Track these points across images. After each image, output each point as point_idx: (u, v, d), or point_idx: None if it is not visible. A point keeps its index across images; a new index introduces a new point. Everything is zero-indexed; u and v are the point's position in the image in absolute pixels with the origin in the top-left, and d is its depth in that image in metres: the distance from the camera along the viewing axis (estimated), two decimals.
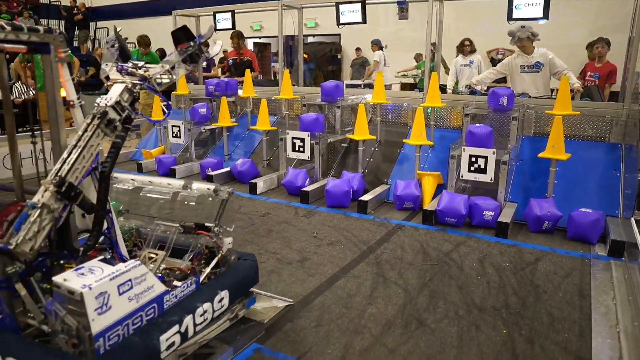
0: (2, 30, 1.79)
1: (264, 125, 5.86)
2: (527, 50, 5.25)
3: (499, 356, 2.47)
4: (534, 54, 5.25)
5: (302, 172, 5.21)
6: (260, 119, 5.89)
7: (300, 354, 2.45)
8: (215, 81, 6.70)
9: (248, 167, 5.68)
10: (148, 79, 2.14)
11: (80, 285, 1.64)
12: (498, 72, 5.61)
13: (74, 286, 1.64)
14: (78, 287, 1.63)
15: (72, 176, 1.88)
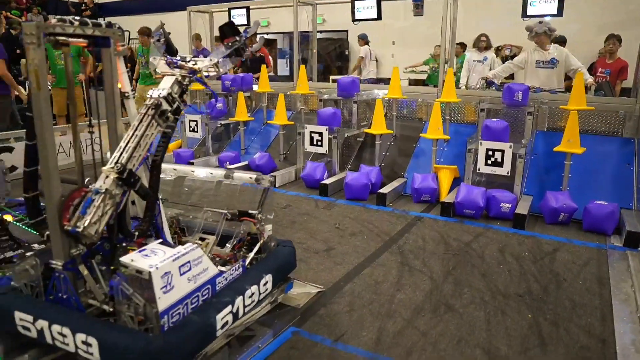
0: (71, 25, 1.90)
1: (281, 120, 5.96)
2: (544, 45, 5.33)
3: (526, 339, 2.58)
4: (551, 50, 5.34)
5: (321, 165, 5.32)
6: (278, 113, 5.99)
7: (336, 337, 2.56)
8: (232, 76, 6.80)
9: (266, 161, 5.78)
10: (197, 71, 2.24)
11: (148, 265, 1.75)
12: (515, 65, 5.70)
13: (142, 266, 1.75)
14: (146, 267, 1.74)
15: (130, 164, 1.99)
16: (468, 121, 5.69)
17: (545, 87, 5.33)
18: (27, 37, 1.76)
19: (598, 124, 4.92)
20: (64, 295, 1.93)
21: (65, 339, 1.80)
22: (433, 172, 5.08)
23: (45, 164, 1.84)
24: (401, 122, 5.89)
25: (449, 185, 4.95)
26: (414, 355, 2.43)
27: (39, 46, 1.76)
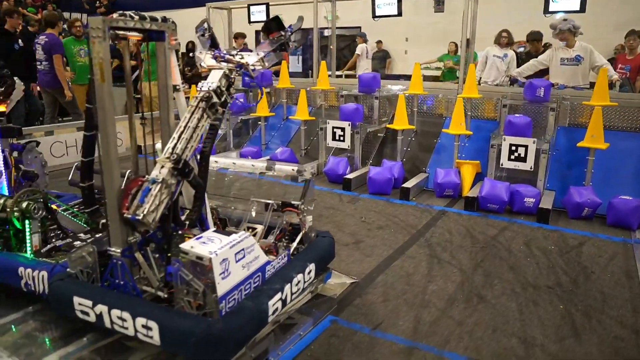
0: (132, 19, 1.97)
1: (303, 115, 6.02)
2: (569, 43, 5.33)
3: (560, 329, 2.63)
4: (575, 47, 5.34)
5: (343, 160, 5.38)
6: (299, 109, 6.05)
7: (374, 325, 2.63)
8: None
9: (288, 156, 5.85)
10: (244, 65, 2.31)
11: (208, 251, 1.82)
12: (540, 63, 5.70)
13: (202, 252, 1.82)
14: (206, 253, 1.81)
15: (185, 154, 2.06)
16: (487, 117, 5.71)
17: (570, 84, 5.34)
18: (93, 30, 1.83)
19: (621, 120, 4.93)
20: (121, 281, 2.01)
21: (125, 323, 1.88)
22: (455, 167, 5.12)
23: (107, 154, 1.92)
24: (421, 117, 5.93)
25: (471, 181, 4.99)
26: (452, 343, 2.49)
27: (104, 40, 1.83)
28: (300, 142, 6.26)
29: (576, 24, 5.18)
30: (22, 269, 2.31)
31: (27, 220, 2.44)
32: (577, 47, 5.34)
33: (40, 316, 2.30)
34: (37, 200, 2.47)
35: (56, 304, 2.09)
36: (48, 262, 2.34)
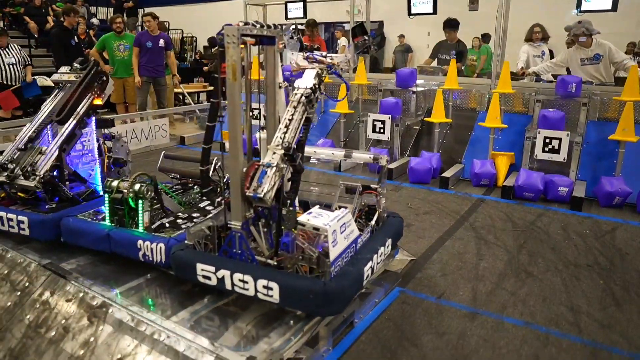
0: (255, 27, 2.33)
1: (343, 109, 6.37)
2: (585, 44, 5.58)
3: (602, 299, 2.97)
4: (592, 46, 5.59)
5: (384, 151, 5.72)
6: (340, 102, 6.40)
7: (438, 295, 2.99)
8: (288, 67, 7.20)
9: (329, 147, 6.20)
10: (334, 65, 2.66)
11: (322, 223, 2.19)
12: (556, 64, 5.95)
13: (318, 224, 2.19)
14: (321, 224, 2.18)
15: (293, 143, 2.41)
16: (518, 111, 6.01)
17: (594, 81, 5.61)
18: (228, 37, 2.20)
19: None
20: (238, 250, 2.38)
21: (246, 285, 2.25)
22: (490, 158, 5.45)
23: (234, 141, 2.29)
24: (455, 111, 6.24)
25: (506, 171, 5.31)
26: (508, 309, 2.85)
27: (237, 45, 2.19)
28: (339, 133, 6.61)
29: (590, 27, 5.41)
30: (141, 242, 2.69)
31: (140, 200, 2.82)
32: (595, 45, 5.55)
33: (159, 281, 2.69)
34: (148, 183, 2.85)
35: (179, 270, 2.47)
36: (162, 236, 2.73)
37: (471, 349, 2.48)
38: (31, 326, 2.51)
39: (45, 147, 3.37)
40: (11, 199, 3.34)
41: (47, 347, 2.36)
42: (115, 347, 2.21)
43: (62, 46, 8.01)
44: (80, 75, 3.56)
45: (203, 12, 16.78)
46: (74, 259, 2.94)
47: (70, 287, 2.62)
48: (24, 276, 2.84)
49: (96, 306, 2.44)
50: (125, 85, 8.12)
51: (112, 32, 8.09)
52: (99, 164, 3.61)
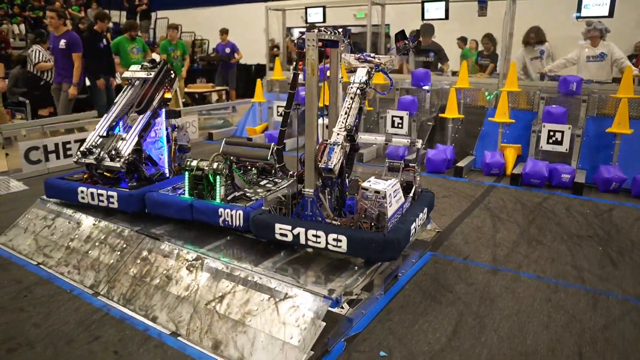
0: (326, 33, 2.91)
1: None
2: (594, 43, 6.20)
3: (601, 261, 3.55)
4: (599, 46, 6.21)
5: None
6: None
7: (464, 257, 3.57)
8: None
9: None
10: (380, 64, 3.23)
11: (382, 187, 2.76)
12: (568, 61, 6.56)
13: (379, 188, 2.76)
14: (381, 188, 2.75)
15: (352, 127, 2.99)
16: (522, 108, 6.60)
17: (595, 79, 6.21)
18: (309, 41, 2.77)
19: None
20: (309, 213, 2.95)
21: (318, 239, 2.81)
22: (499, 150, 6.03)
23: (310, 125, 2.86)
24: (465, 109, 6.82)
25: (513, 161, 5.90)
26: (523, 267, 3.43)
27: (315, 47, 2.77)
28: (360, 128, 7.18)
29: (607, 28, 6.03)
30: (222, 210, 3.25)
31: (218, 176, 3.38)
32: (601, 45, 6.19)
33: (238, 242, 3.25)
34: (224, 162, 3.42)
35: (259, 230, 3.03)
36: (238, 205, 3.29)
37: (496, 294, 3.06)
38: (137, 277, 3.07)
39: (124, 134, 3.93)
40: (94, 179, 3.90)
41: (155, 291, 2.93)
42: (216, 288, 2.77)
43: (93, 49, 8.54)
44: (150, 73, 4.13)
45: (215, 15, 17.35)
46: (159, 226, 3.49)
47: (165, 245, 3.18)
48: (120, 240, 3.40)
49: (192, 259, 3.01)
50: None
51: (123, 36, 8.64)
52: (166, 149, 4.17)
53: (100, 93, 8.63)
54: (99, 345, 2.55)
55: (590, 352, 2.48)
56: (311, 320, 2.41)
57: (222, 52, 12.02)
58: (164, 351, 2.50)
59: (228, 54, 11.82)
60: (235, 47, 11.98)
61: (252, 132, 7.98)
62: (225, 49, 11.95)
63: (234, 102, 10.55)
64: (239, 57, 12.22)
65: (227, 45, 11.99)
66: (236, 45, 12.02)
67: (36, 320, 2.79)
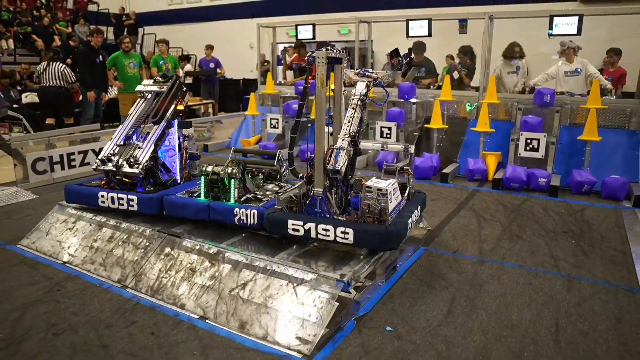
0: (333, 51, 3.30)
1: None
2: (569, 58, 6.77)
3: (574, 252, 3.99)
4: (575, 62, 6.78)
5: (391, 153, 6.73)
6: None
7: (453, 251, 3.98)
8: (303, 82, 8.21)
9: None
10: (377, 79, 3.64)
11: (384, 185, 3.14)
12: (549, 76, 7.11)
13: (381, 186, 3.14)
14: (384, 186, 3.13)
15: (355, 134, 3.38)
16: (501, 118, 7.11)
17: (573, 91, 6.74)
18: (319, 58, 3.17)
19: (610, 120, 6.35)
20: (319, 209, 3.31)
21: (328, 232, 3.18)
22: (481, 157, 6.51)
23: (319, 131, 3.24)
24: (449, 119, 7.30)
25: (494, 167, 6.38)
26: (507, 258, 3.84)
27: (325, 64, 3.16)
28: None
29: (579, 45, 6.60)
30: (237, 210, 3.59)
31: (232, 180, 3.73)
32: (576, 61, 6.77)
33: (252, 238, 3.59)
34: (237, 167, 3.77)
35: (272, 226, 3.38)
36: (251, 205, 3.64)
37: (483, 280, 3.46)
38: (162, 270, 3.39)
39: (140, 143, 4.26)
40: (111, 185, 4.21)
41: (181, 282, 3.25)
42: (238, 277, 3.11)
43: (88, 63, 8.78)
44: (162, 87, 4.47)
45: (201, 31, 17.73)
46: (177, 226, 3.81)
47: (187, 242, 3.51)
48: (142, 239, 3.71)
49: (213, 253, 3.34)
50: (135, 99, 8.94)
51: (121, 51, 8.94)
52: (178, 157, 4.50)
53: (90, 106, 8.90)
54: (136, 329, 2.86)
55: (565, 323, 2.89)
56: (326, 301, 2.77)
57: (206, 67, 12.39)
58: (195, 332, 2.82)
59: (212, 68, 12.19)
60: (219, 63, 12.37)
61: (246, 144, 8.33)
62: (209, 64, 12.33)
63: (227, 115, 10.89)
64: (222, 72, 12.61)
65: (212, 61, 12.37)
66: (220, 61, 12.42)
67: (73, 309, 3.08)
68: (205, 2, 18.63)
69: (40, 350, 2.65)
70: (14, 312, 3.05)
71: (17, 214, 4.98)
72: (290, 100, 8.19)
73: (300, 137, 8.32)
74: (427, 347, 2.65)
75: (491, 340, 2.72)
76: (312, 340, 2.62)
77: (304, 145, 7.70)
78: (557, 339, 2.73)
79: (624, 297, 3.24)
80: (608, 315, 2.99)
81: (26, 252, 3.99)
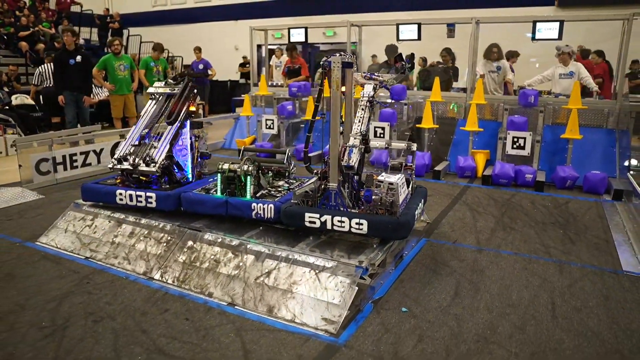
0: (346, 56, 3.56)
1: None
2: (565, 62, 7.19)
3: (562, 240, 4.35)
4: (569, 65, 7.19)
5: (385, 152, 7.04)
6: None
7: (453, 241, 4.29)
8: (298, 84, 8.47)
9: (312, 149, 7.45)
10: (384, 81, 3.93)
11: (394, 180, 3.42)
12: (544, 78, 7.51)
13: (392, 180, 3.42)
14: (394, 181, 3.41)
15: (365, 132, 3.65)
16: (487, 118, 7.49)
17: (565, 92, 7.12)
18: (334, 63, 3.43)
19: (590, 119, 6.78)
20: (334, 203, 3.58)
21: (343, 224, 3.44)
22: (470, 155, 6.86)
23: (334, 131, 3.50)
24: (438, 120, 7.64)
25: (483, 165, 6.74)
26: (502, 247, 4.17)
27: (339, 69, 3.43)
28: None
29: (574, 50, 7.01)
30: (255, 204, 3.83)
31: (249, 177, 3.97)
32: (571, 65, 7.18)
33: (269, 232, 3.83)
34: (253, 164, 4.01)
35: (290, 219, 3.62)
36: (268, 200, 3.88)
37: (483, 266, 3.78)
38: (186, 263, 3.61)
39: (155, 143, 4.45)
40: (125, 183, 4.40)
41: (206, 273, 3.47)
42: (262, 266, 3.35)
43: (61, 66, 8.24)
44: (174, 89, 4.67)
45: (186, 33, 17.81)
46: (195, 221, 4.02)
47: (208, 235, 3.73)
48: (163, 234, 3.92)
49: (235, 245, 3.58)
50: (127, 101, 9.00)
51: (111, 54, 8.96)
52: (190, 156, 4.71)
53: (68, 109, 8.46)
54: (170, 315, 3.08)
55: (560, 301, 3.22)
56: (348, 285, 3.04)
57: (196, 69, 12.52)
58: (227, 317, 3.06)
59: (202, 70, 12.32)
60: (209, 64, 12.51)
61: (241, 144, 8.53)
62: (199, 65, 12.47)
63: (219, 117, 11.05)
64: (213, 74, 12.75)
65: (201, 62, 12.52)
66: (210, 63, 12.57)
67: (107, 299, 3.28)
68: (190, 4, 18.72)
69: (85, 335, 2.84)
70: (50, 302, 3.23)
71: (29, 213, 5.11)
72: (284, 102, 8.43)
73: (294, 136, 8.62)
74: (441, 324, 2.94)
75: (496, 317, 3.03)
76: (337, 321, 2.89)
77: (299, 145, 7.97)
78: (554, 314, 3.05)
79: (610, 278, 3.59)
80: (597, 294, 3.33)
81: (47, 249, 4.15)
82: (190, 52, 15.37)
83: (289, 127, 8.57)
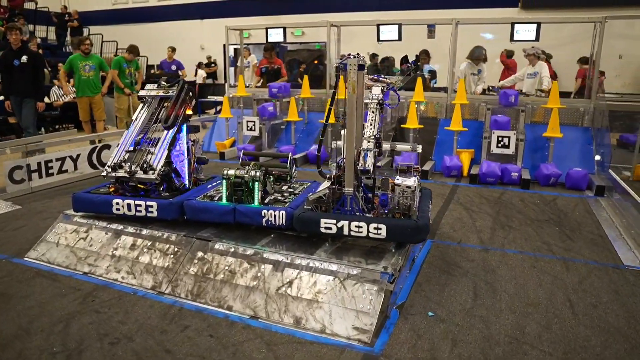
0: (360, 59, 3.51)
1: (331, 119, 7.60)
2: (532, 63, 7.43)
3: (560, 237, 4.48)
4: (535, 66, 7.44)
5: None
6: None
7: (458, 241, 4.34)
8: (278, 85, 8.35)
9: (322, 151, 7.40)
10: (391, 83, 3.91)
11: (411, 183, 3.41)
12: (517, 77, 7.75)
13: (409, 183, 3.40)
14: (411, 184, 3.40)
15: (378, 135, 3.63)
16: (468, 118, 7.64)
17: (529, 91, 7.40)
18: (351, 66, 3.38)
19: (567, 118, 7.04)
20: (349, 208, 3.53)
21: (361, 229, 3.40)
22: (455, 154, 6.98)
23: (350, 134, 3.45)
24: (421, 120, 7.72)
25: (469, 164, 6.87)
26: (506, 246, 4.25)
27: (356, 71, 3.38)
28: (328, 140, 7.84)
29: (539, 51, 7.26)
30: (265, 211, 3.72)
31: (256, 183, 3.85)
32: (537, 65, 7.44)
33: (281, 239, 3.73)
34: (259, 171, 3.90)
35: (304, 225, 3.54)
36: (278, 206, 3.78)
37: (494, 266, 3.83)
38: (198, 275, 3.46)
39: (152, 149, 4.26)
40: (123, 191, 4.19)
41: (222, 285, 3.35)
42: (282, 276, 3.26)
43: (6, 67, 7.64)
44: (168, 92, 4.49)
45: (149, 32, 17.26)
46: (201, 230, 3.87)
47: (219, 245, 3.60)
48: (169, 245, 3.75)
49: (250, 254, 3.47)
50: (92, 103, 8.63)
51: (79, 53, 8.56)
52: (187, 162, 4.54)
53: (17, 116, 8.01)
54: (192, 332, 2.94)
55: (575, 298, 3.31)
56: (376, 292, 3.00)
57: (167, 69, 12.16)
58: (252, 330, 2.95)
59: (174, 71, 11.98)
60: (181, 65, 12.18)
61: (221, 147, 8.34)
62: (171, 66, 12.13)
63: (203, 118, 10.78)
64: (184, 75, 12.42)
65: (173, 63, 12.17)
66: (182, 63, 12.24)
67: (118, 318, 3.10)
68: (152, 2, 18.14)
69: (104, 359, 2.67)
70: (57, 324, 3.02)
71: (8, 226, 4.79)
72: (265, 103, 8.30)
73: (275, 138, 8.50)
74: (470, 327, 2.95)
75: (520, 317, 3.07)
76: (369, 329, 2.85)
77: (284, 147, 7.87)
78: (574, 312, 3.13)
79: (614, 273, 3.72)
80: (607, 289, 3.44)
81: (38, 265, 3.90)
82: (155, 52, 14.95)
83: (270, 128, 8.44)
